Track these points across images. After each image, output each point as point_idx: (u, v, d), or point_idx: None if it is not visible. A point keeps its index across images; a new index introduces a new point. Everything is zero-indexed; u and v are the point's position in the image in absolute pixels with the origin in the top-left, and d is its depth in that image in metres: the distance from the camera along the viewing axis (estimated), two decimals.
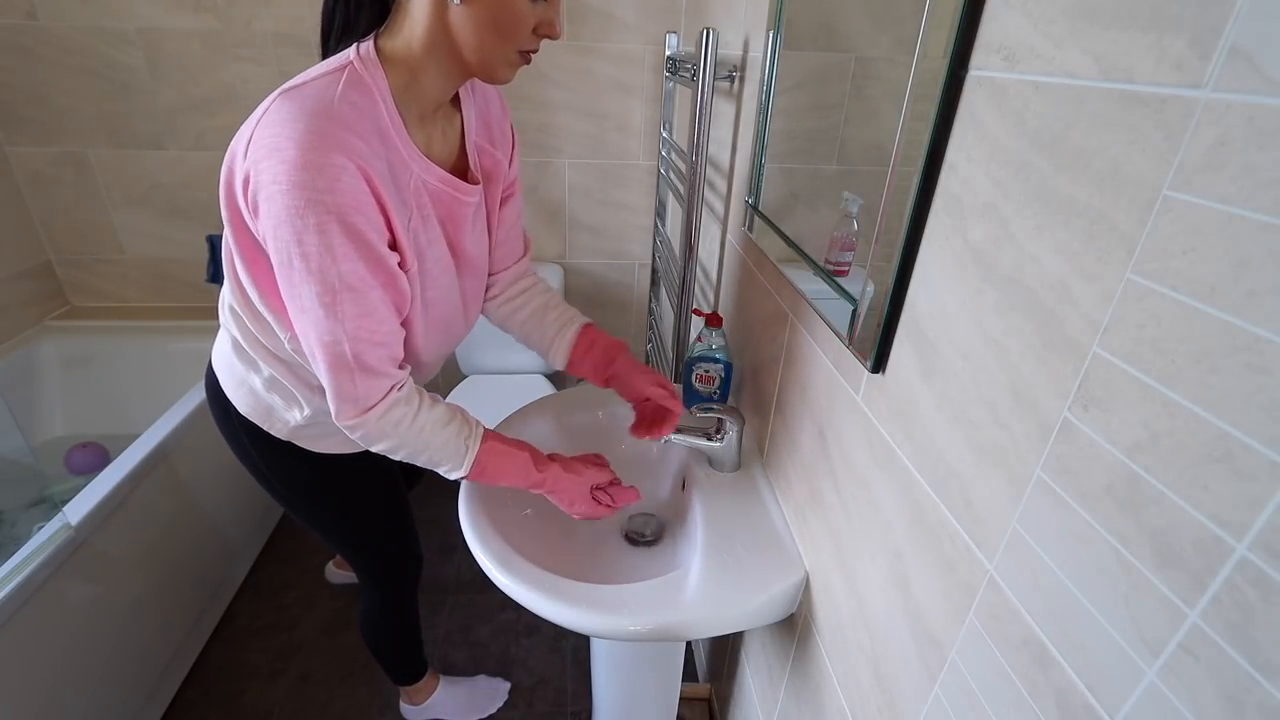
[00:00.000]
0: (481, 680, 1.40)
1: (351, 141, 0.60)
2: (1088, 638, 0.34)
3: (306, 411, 0.80)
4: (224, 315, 0.81)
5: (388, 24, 0.66)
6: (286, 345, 0.74)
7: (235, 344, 0.80)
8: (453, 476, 0.76)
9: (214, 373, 0.87)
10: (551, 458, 0.82)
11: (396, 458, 0.74)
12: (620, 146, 1.73)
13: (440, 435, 0.73)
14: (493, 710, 1.36)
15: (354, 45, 0.65)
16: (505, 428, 1.01)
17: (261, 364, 0.78)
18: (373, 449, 0.73)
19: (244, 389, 0.82)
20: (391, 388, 0.69)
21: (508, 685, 1.40)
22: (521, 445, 0.80)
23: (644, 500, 0.93)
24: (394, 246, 0.66)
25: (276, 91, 0.63)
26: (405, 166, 0.66)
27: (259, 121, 0.62)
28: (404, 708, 1.34)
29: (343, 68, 0.64)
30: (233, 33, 1.52)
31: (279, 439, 0.84)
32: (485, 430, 0.78)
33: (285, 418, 0.81)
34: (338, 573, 1.52)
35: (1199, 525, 0.28)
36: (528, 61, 0.67)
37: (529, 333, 0.93)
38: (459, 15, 0.62)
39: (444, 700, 1.32)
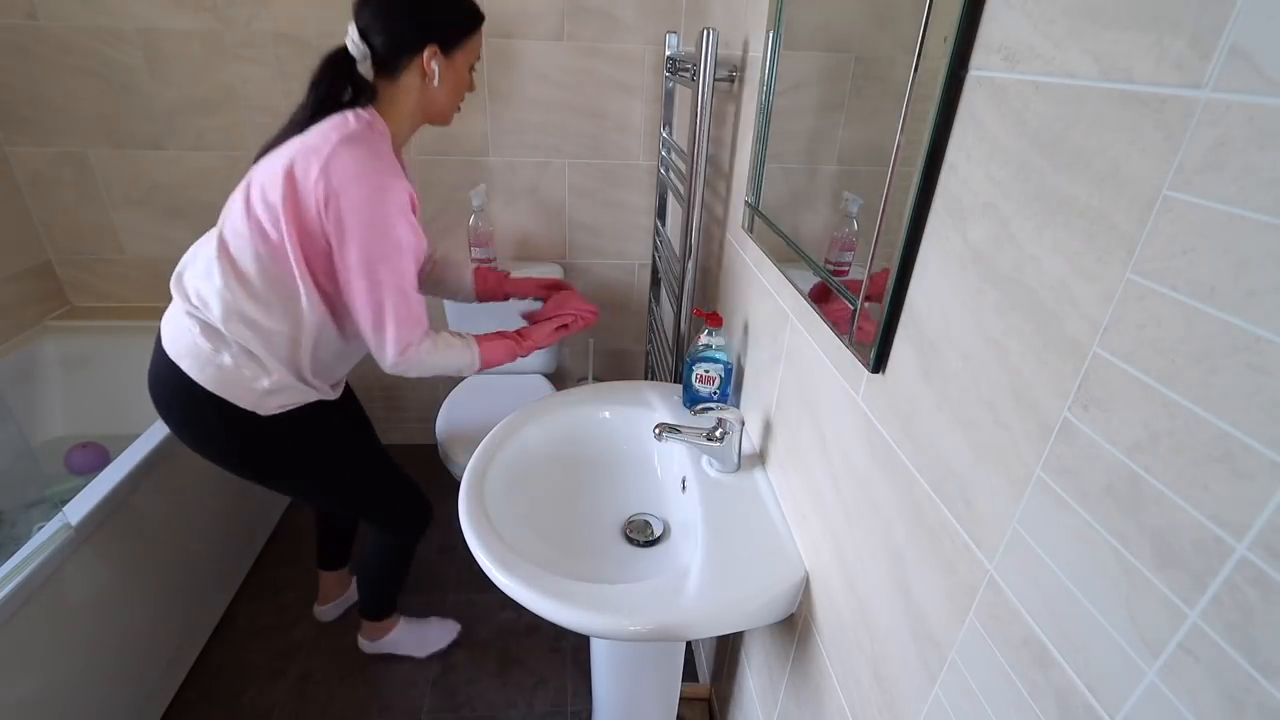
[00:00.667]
0: (434, 620, 1.50)
1: (397, 171, 0.94)
2: (1088, 638, 0.34)
3: (274, 376, 0.98)
4: (190, 305, 0.97)
5: (379, 100, 0.98)
6: (307, 316, 0.96)
7: (205, 328, 0.96)
8: (468, 373, 1.09)
9: (170, 362, 0.98)
10: (520, 332, 1.14)
11: (426, 374, 1.03)
12: (620, 146, 1.73)
13: (453, 350, 1.05)
14: (443, 646, 1.46)
15: (354, 110, 0.95)
16: (505, 427, 1.01)
17: (236, 341, 0.96)
18: (409, 375, 1.01)
19: (210, 367, 0.96)
20: (423, 329, 1.00)
21: (458, 626, 1.51)
22: (501, 333, 1.12)
23: (600, 319, 1.36)
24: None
25: (334, 140, 0.90)
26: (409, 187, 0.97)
27: (331, 158, 0.88)
28: (362, 641, 1.43)
29: (368, 125, 0.94)
30: (232, 33, 1.52)
31: (243, 408, 0.98)
32: (473, 336, 1.09)
33: (253, 386, 0.97)
34: (325, 609, 1.50)
35: (1199, 525, 0.28)
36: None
37: (443, 286, 1.27)
38: (435, 92, 0.99)
39: (400, 637, 1.43)
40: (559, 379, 2.06)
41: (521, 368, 1.82)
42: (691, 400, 1.01)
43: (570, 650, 1.49)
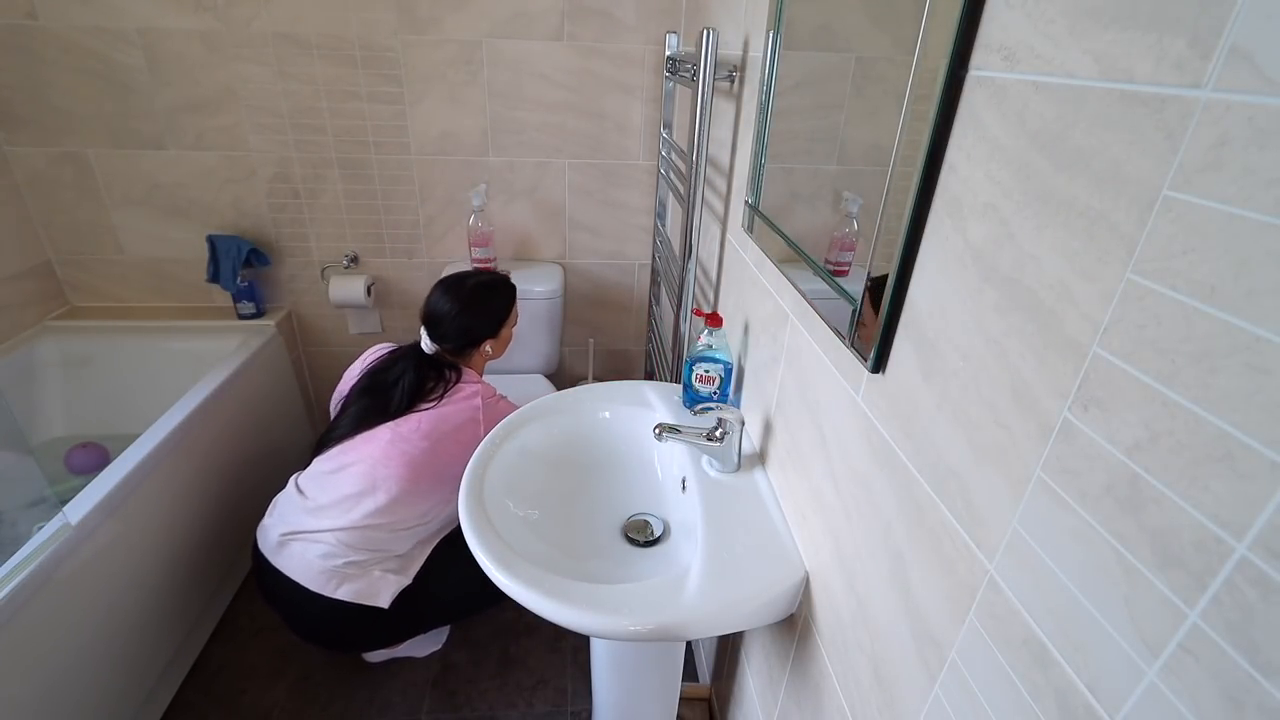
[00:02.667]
0: None
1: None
2: (1088, 638, 0.34)
3: (408, 574, 1.24)
4: (337, 550, 1.18)
5: (463, 371, 1.30)
6: (429, 524, 1.27)
7: (354, 563, 1.18)
8: None
9: (320, 596, 1.17)
10: None
11: None
12: (620, 146, 1.73)
13: None
14: (442, 641, 1.50)
15: (460, 383, 1.28)
16: (505, 427, 1.01)
17: (381, 560, 1.21)
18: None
19: (350, 585, 1.18)
20: None
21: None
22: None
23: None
24: None
25: (480, 414, 1.25)
26: None
27: (485, 420, 1.25)
28: (371, 652, 1.43)
29: (478, 383, 1.31)
30: (233, 33, 1.52)
31: (376, 605, 1.19)
32: None
33: (393, 581, 1.21)
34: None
35: (1199, 525, 0.28)
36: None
37: None
38: (491, 355, 1.37)
39: (409, 644, 1.44)
40: (559, 379, 2.06)
41: (521, 367, 1.82)
42: (691, 400, 1.01)
43: (570, 650, 1.49)
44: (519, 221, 1.82)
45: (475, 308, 1.30)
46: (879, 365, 0.57)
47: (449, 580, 1.28)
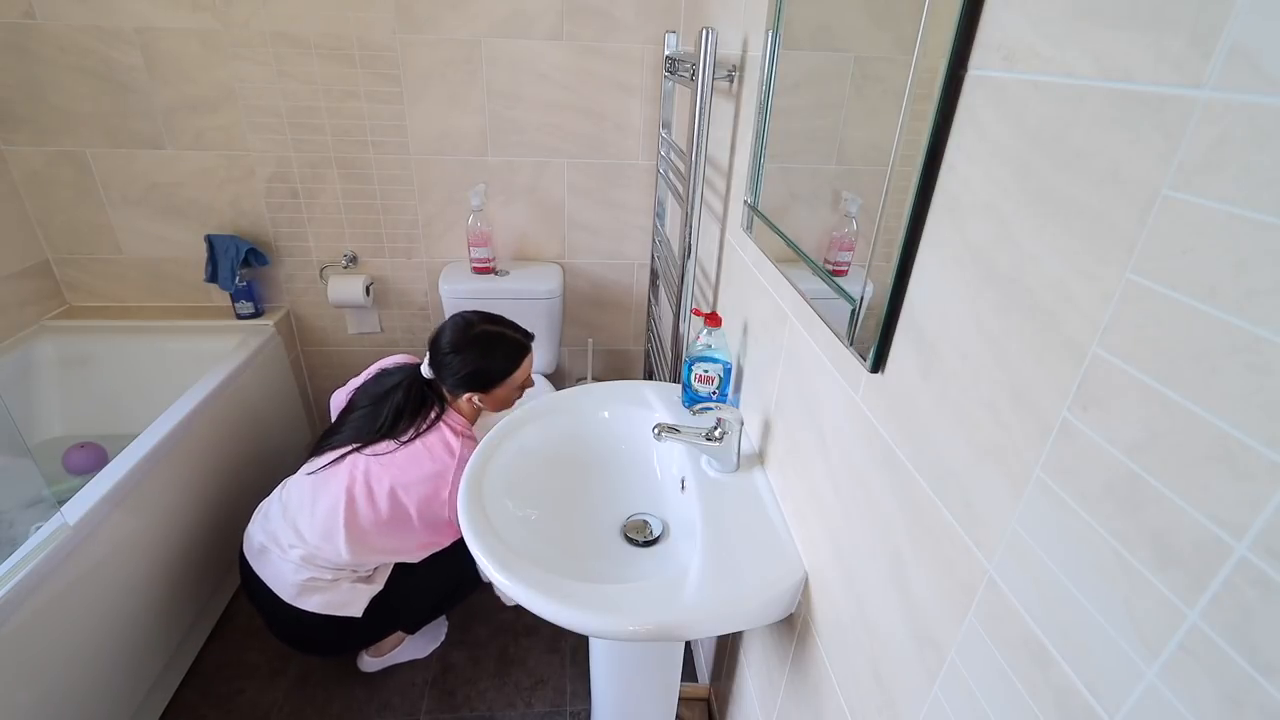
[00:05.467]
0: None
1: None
2: (1087, 638, 0.34)
3: (378, 581, 1.27)
4: (304, 567, 1.21)
5: (447, 410, 1.27)
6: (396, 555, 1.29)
7: (321, 579, 1.21)
8: None
9: (293, 607, 1.20)
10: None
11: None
12: (619, 146, 1.73)
13: None
14: (440, 641, 1.49)
15: (445, 426, 1.24)
16: (504, 427, 1.01)
17: (349, 576, 1.25)
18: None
19: (320, 595, 1.21)
20: None
21: (445, 621, 1.54)
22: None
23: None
24: None
25: (450, 474, 1.20)
26: None
27: (455, 479, 1.19)
28: (366, 660, 1.41)
29: (461, 429, 1.26)
30: (231, 32, 1.52)
31: (345, 616, 1.23)
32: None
33: (364, 590, 1.25)
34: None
35: (1199, 525, 0.28)
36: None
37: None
38: (485, 407, 1.30)
39: (402, 650, 1.44)
40: (558, 379, 2.06)
41: None
42: (691, 400, 1.00)
43: (569, 650, 1.49)
44: (518, 221, 1.82)
45: (470, 354, 1.23)
46: (878, 365, 0.57)
47: (422, 575, 1.30)
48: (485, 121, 1.67)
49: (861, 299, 0.58)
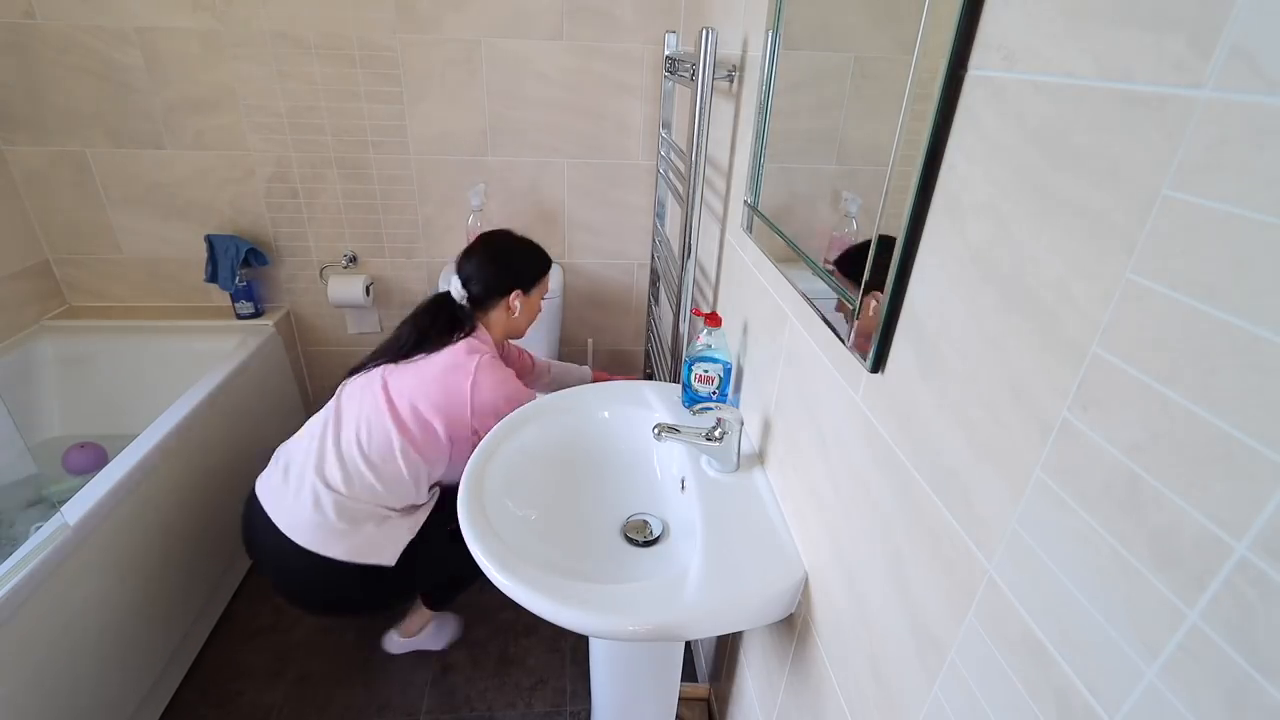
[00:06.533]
0: (447, 614, 1.51)
1: (504, 367, 1.25)
2: (1087, 638, 0.34)
3: (411, 526, 1.19)
4: (327, 492, 1.13)
5: (478, 327, 1.26)
6: (431, 479, 1.24)
7: (343, 509, 1.13)
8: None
9: (304, 551, 1.11)
10: None
11: None
12: (619, 146, 1.73)
13: None
14: (459, 633, 1.50)
15: (467, 339, 1.23)
16: (504, 427, 1.01)
17: (376, 515, 1.16)
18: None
19: (346, 542, 1.12)
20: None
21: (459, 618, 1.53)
22: None
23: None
24: None
25: (473, 366, 1.19)
26: None
27: (477, 373, 1.18)
28: (395, 639, 1.42)
29: (484, 342, 1.26)
30: (231, 32, 1.52)
31: (379, 563, 1.15)
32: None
33: (396, 537, 1.17)
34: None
35: (1199, 525, 0.28)
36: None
37: (566, 386, 1.46)
38: (517, 319, 1.32)
39: (428, 635, 1.45)
40: None
41: None
42: (691, 400, 1.00)
43: (569, 650, 1.49)
44: (518, 221, 1.82)
45: (508, 253, 1.30)
46: (878, 365, 0.57)
47: (440, 542, 1.24)
48: (485, 121, 1.67)
49: (861, 299, 0.58)
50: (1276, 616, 0.25)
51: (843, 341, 0.62)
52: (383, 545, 1.15)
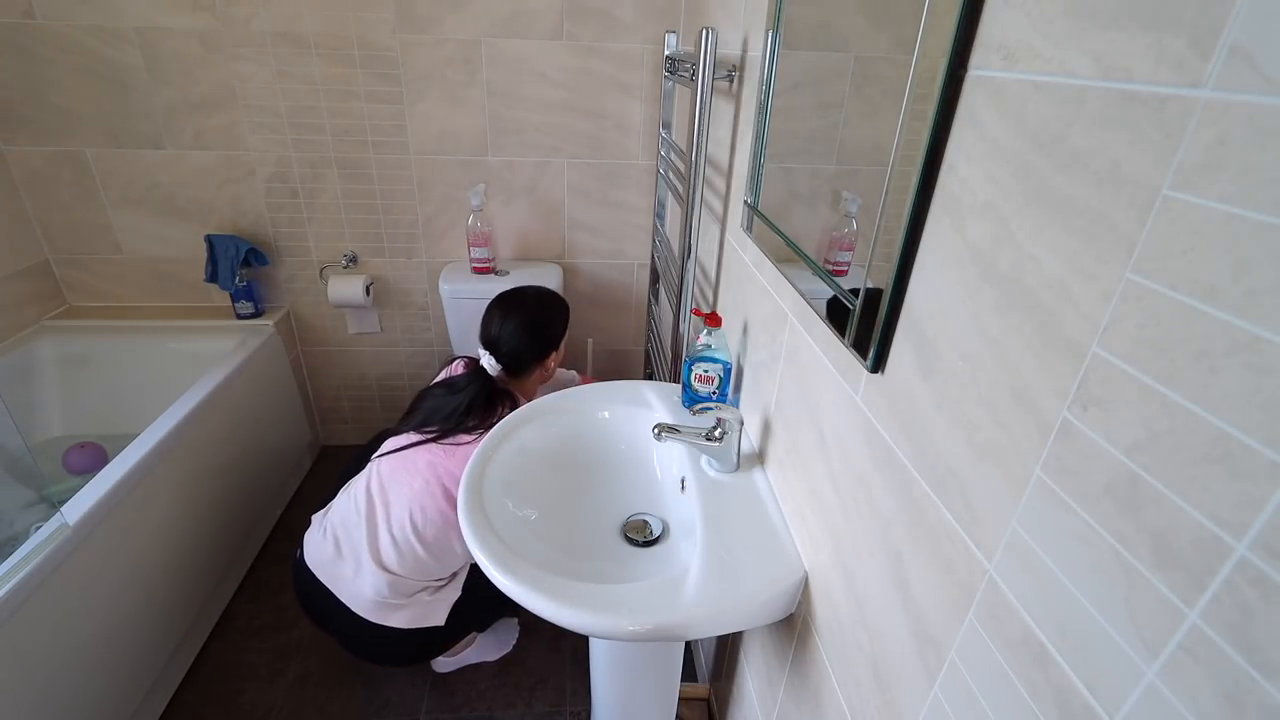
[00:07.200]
0: (500, 624, 1.50)
1: None
2: (1087, 638, 0.34)
3: (456, 586, 1.28)
4: (385, 575, 1.19)
5: (517, 399, 1.29)
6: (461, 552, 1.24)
7: (398, 588, 1.20)
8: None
9: (367, 623, 1.20)
10: None
11: None
12: (619, 146, 1.73)
13: None
14: (511, 645, 1.49)
15: (508, 410, 1.16)
16: (504, 427, 1.01)
17: (430, 587, 1.25)
18: None
19: (404, 612, 1.21)
20: None
21: (516, 620, 1.53)
22: None
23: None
24: None
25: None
26: None
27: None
28: (441, 661, 1.42)
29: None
30: (231, 32, 1.52)
31: (430, 626, 1.24)
32: None
33: (446, 599, 1.26)
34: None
35: (1199, 525, 0.28)
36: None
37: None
38: (548, 372, 1.39)
39: (473, 651, 1.44)
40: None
41: None
42: (691, 400, 1.00)
43: (569, 650, 1.49)
44: (518, 221, 1.82)
45: (538, 324, 1.32)
46: (878, 365, 0.57)
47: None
48: (485, 121, 1.67)
49: (861, 299, 0.58)
50: (1276, 616, 0.25)
51: (843, 341, 0.62)
52: (436, 610, 1.24)
